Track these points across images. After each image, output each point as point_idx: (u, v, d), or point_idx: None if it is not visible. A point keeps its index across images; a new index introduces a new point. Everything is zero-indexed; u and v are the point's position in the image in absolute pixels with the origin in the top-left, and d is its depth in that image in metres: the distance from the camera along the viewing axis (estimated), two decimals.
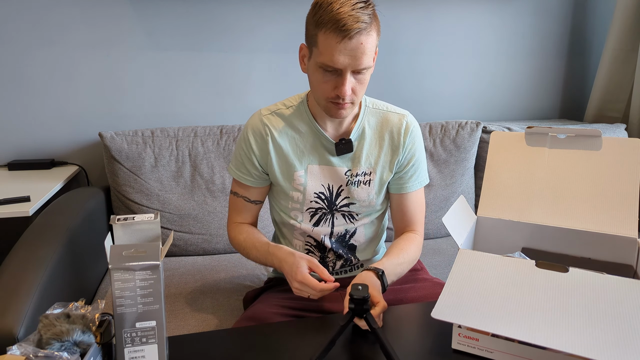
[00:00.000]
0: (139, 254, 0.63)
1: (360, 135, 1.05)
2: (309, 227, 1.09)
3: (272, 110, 1.07)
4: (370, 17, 0.88)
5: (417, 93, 2.04)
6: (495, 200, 0.93)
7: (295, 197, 1.07)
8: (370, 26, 0.88)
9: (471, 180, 1.86)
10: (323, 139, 1.04)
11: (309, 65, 0.96)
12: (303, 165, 1.05)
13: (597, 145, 0.88)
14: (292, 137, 1.05)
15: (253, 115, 1.08)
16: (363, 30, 0.87)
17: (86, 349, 0.62)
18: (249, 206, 1.11)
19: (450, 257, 1.60)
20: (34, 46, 1.63)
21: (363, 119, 1.05)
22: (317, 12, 0.89)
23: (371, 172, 1.06)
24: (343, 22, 0.85)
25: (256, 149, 1.05)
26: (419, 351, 0.76)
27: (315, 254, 1.12)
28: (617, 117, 2.06)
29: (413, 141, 1.07)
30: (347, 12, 0.85)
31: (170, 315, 1.23)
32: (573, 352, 0.62)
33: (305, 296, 0.91)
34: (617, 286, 0.69)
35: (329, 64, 0.89)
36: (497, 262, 0.76)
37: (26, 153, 1.71)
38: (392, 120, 1.07)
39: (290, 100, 1.08)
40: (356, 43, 0.87)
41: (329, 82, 0.92)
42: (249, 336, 0.81)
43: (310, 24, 0.91)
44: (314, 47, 0.92)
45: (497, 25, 2.05)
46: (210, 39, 1.77)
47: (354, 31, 0.85)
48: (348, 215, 1.09)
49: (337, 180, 1.06)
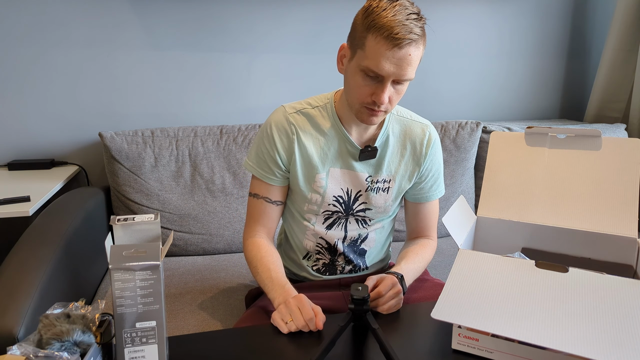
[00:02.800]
0: (139, 254, 0.63)
1: (385, 142, 1.04)
2: (322, 229, 1.08)
3: (298, 109, 1.04)
4: (422, 29, 0.87)
5: (418, 93, 2.04)
6: (495, 200, 0.93)
7: (314, 199, 1.05)
8: (420, 39, 0.87)
9: (471, 180, 1.86)
10: (348, 143, 1.02)
11: (348, 66, 0.94)
12: (325, 168, 1.03)
13: (597, 145, 0.88)
14: (316, 138, 1.02)
15: (276, 112, 1.04)
16: (413, 42, 0.85)
17: (86, 349, 0.62)
18: (269, 209, 1.06)
19: (450, 257, 1.60)
20: (34, 46, 1.63)
21: (388, 126, 1.04)
22: (369, 15, 0.86)
23: (391, 179, 1.06)
24: (397, 31, 0.83)
25: (280, 148, 1.01)
26: (419, 351, 0.76)
27: (326, 256, 1.11)
28: (617, 117, 2.06)
29: (434, 153, 1.08)
30: (401, 21, 0.84)
31: (170, 315, 1.23)
32: (573, 352, 0.62)
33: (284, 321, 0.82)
34: (617, 286, 0.69)
35: (373, 69, 0.87)
36: (497, 262, 0.76)
37: (26, 153, 1.71)
38: (415, 130, 1.06)
39: (316, 100, 1.05)
40: (405, 53, 0.85)
41: (368, 87, 0.90)
42: (249, 336, 0.81)
43: (360, 26, 0.88)
44: (359, 49, 0.89)
45: (497, 25, 2.05)
46: (210, 39, 1.77)
47: (406, 41, 0.84)
48: (362, 220, 1.08)
49: (357, 185, 1.05)
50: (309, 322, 0.80)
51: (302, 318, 0.80)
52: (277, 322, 0.82)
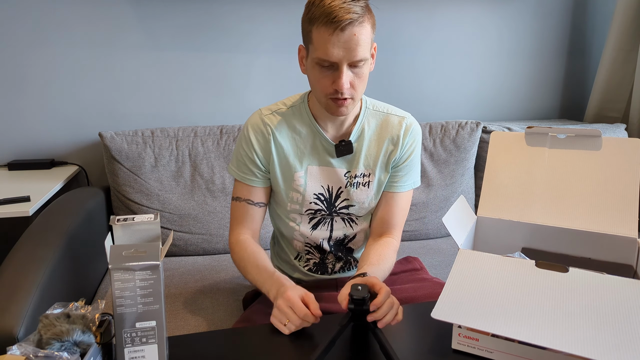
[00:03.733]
0: (139, 254, 0.63)
1: (360, 136, 1.04)
2: (307, 230, 1.08)
3: (273, 110, 1.05)
4: (363, 9, 0.88)
5: (417, 93, 2.04)
6: (495, 200, 0.93)
7: (295, 198, 1.06)
8: (362, 17, 0.87)
9: (471, 180, 1.86)
10: (323, 140, 1.03)
11: (307, 64, 0.96)
12: (303, 167, 1.04)
13: (597, 145, 0.88)
14: (292, 137, 1.04)
15: (253, 115, 1.06)
16: (355, 21, 0.86)
17: (86, 349, 0.62)
18: (252, 211, 1.06)
19: (450, 257, 1.60)
20: (34, 46, 1.63)
21: (363, 120, 1.04)
22: (309, 9, 0.89)
23: (370, 173, 1.05)
24: (334, 14, 0.85)
25: (258, 148, 1.03)
26: (419, 351, 0.76)
27: (315, 254, 1.12)
28: (617, 117, 2.06)
29: (412, 140, 1.06)
30: (338, 4, 0.85)
31: (170, 315, 1.23)
32: (573, 352, 0.62)
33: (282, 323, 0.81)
34: (617, 286, 0.69)
35: (324, 58, 0.88)
36: (497, 262, 0.76)
37: (26, 153, 1.71)
38: (393, 122, 1.06)
39: (290, 100, 1.07)
40: (349, 34, 0.86)
41: (326, 78, 0.91)
42: (248, 336, 0.81)
43: (305, 22, 0.91)
44: (309, 44, 0.91)
45: (497, 26, 2.05)
46: (210, 39, 1.77)
47: (346, 22, 0.85)
48: (348, 219, 1.08)
49: (337, 182, 1.05)
50: (305, 318, 0.79)
51: (297, 317, 0.80)
52: (277, 325, 0.82)
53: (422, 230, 1.77)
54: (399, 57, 1.97)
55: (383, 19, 1.91)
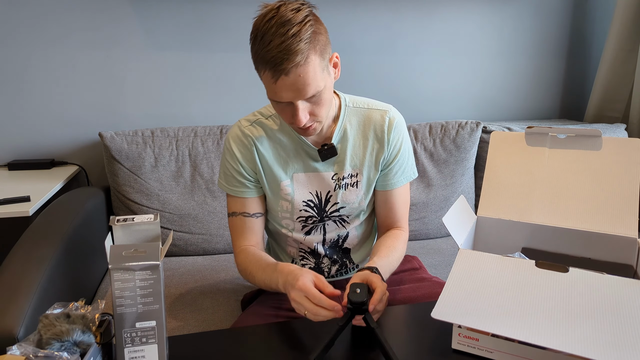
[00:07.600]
0: (138, 254, 0.63)
1: (342, 137, 1.03)
2: (300, 236, 1.08)
3: (252, 120, 1.03)
4: (306, 42, 0.82)
5: (417, 93, 2.04)
6: (495, 200, 0.93)
7: (285, 207, 1.04)
8: (306, 53, 0.82)
9: (471, 180, 1.86)
10: (305, 145, 1.02)
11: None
12: (288, 175, 1.03)
13: (597, 145, 0.88)
14: (274, 147, 1.02)
15: (232, 127, 1.04)
16: (298, 64, 0.81)
17: (86, 349, 0.62)
18: (250, 223, 1.04)
19: (450, 257, 1.60)
20: (34, 46, 1.63)
21: (344, 120, 1.03)
22: (252, 46, 0.85)
23: (357, 173, 1.04)
24: (273, 61, 0.81)
25: (243, 160, 1.02)
26: (419, 351, 0.76)
27: (310, 260, 1.11)
28: (617, 117, 2.06)
29: (398, 135, 1.04)
30: (276, 45, 0.80)
31: (170, 315, 1.23)
32: (573, 352, 0.62)
33: (301, 313, 0.80)
34: (617, 286, 0.69)
35: (275, 100, 0.87)
36: (497, 262, 0.76)
37: (26, 153, 1.71)
38: (375, 117, 1.04)
39: (268, 109, 1.05)
40: (294, 78, 0.82)
41: (285, 112, 0.90)
42: (248, 336, 0.81)
43: (252, 58, 0.87)
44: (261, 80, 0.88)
45: (497, 25, 2.05)
46: (210, 39, 1.77)
47: (289, 68, 0.81)
48: (339, 221, 1.08)
49: (325, 187, 1.04)
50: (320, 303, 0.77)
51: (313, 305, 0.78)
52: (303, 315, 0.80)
53: (422, 230, 1.78)
54: (399, 57, 1.97)
55: (383, 19, 1.91)
